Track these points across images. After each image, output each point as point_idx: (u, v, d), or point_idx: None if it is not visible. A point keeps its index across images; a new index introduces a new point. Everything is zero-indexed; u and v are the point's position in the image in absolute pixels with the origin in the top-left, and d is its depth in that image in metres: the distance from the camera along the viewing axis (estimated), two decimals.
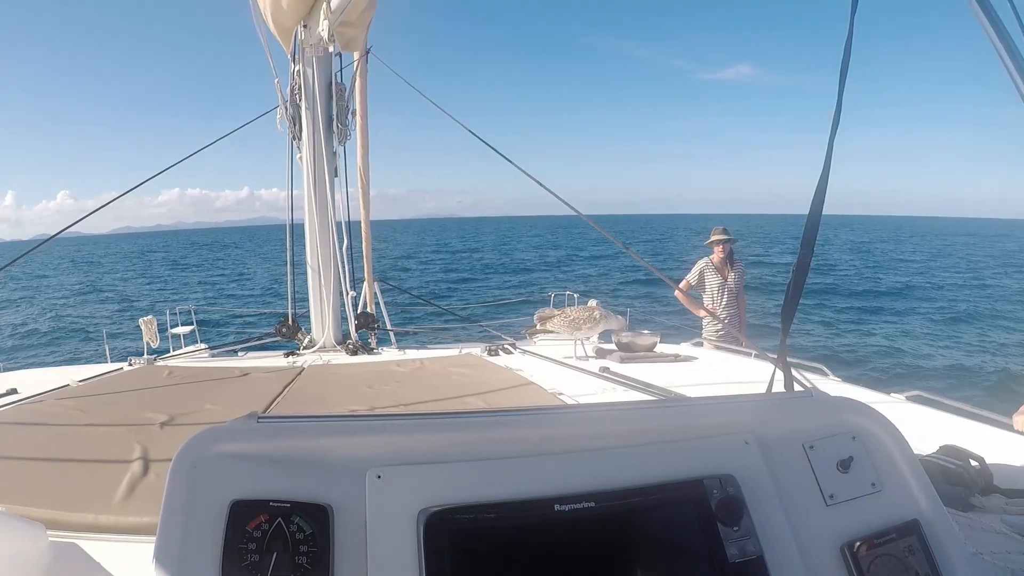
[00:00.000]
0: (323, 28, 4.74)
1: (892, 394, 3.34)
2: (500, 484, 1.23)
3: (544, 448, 1.32)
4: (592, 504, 1.23)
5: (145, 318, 6.15)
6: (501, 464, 1.27)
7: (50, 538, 1.68)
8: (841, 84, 1.90)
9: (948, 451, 2.24)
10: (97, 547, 1.78)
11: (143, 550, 1.81)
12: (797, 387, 1.90)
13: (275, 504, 1.13)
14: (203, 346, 6.16)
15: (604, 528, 1.24)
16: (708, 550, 1.24)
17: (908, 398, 3.36)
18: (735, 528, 1.27)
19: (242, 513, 1.11)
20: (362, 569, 1.12)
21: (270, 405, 3.30)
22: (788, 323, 1.92)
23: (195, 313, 7.15)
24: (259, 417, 1.25)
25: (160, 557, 1.08)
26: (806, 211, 1.90)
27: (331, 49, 5.12)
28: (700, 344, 5.86)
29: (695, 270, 7.84)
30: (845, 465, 1.44)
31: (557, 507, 1.21)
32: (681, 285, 7.71)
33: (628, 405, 1.62)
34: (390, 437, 1.27)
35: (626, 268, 35.30)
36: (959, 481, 2.08)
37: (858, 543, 1.34)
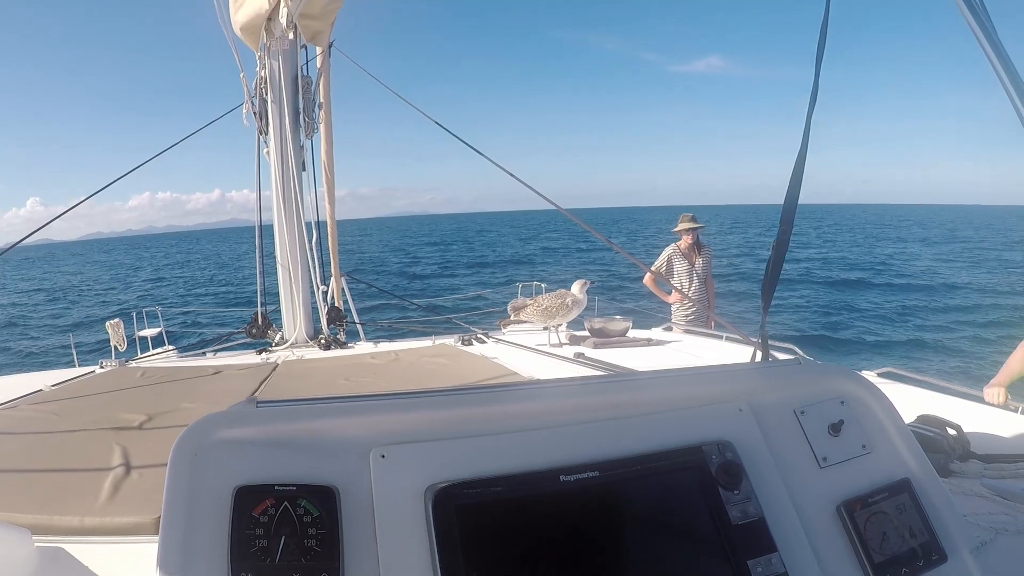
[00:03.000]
0: (283, 16, 4.70)
1: (864, 372, 3.40)
2: (504, 458, 1.25)
3: (546, 421, 1.34)
4: (596, 473, 1.25)
5: (111, 321, 6.05)
6: (504, 438, 1.29)
7: (36, 543, 1.66)
8: (818, 60, 1.93)
9: (925, 420, 2.30)
10: (83, 549, 1.77)
11: (130, 550, 1.80)
12: (782, 356, 1.94)
13: (280, 488, 1.12)
14: (172, 348, 6.07)
15: (609, 496, 1.26)
16: (711, 513, 1.28)
17: (880, 374, 3.42)
18: (735, 492, 1.30)
19: (247, 499, 1.11)
20: (372, 548, 1.12)
21: None
22: (769, 297, 1.96)
23: (162, 315, 7.06)
24: (258, 402, 1.25)
25: (165, 547, 1.06)
26: (780, 200, 1.94)
27: (291, 36, 5.08)
28: (670, 329, 5.90)
29: (663, 257, 7.89)
30: (836, 428, 1.49)
31: (562, 478, 1.23)
32: (650, 271, 7.76)
33: (624, 376, 1.65)
34: (391, 416, 1.28)
35: (595, 261, 35.43)
36: (938, 448, 2.14)
37: (853, 502, 1.39)
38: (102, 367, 4.70)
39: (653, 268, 7.87)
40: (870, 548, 1.33)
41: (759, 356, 2.06)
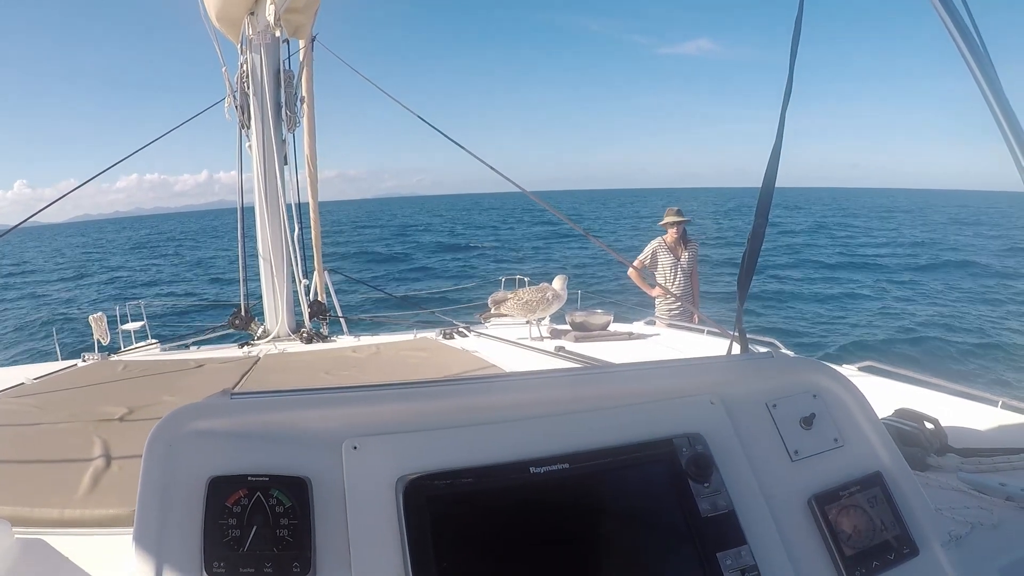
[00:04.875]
0: (269, 13, 4.68)
1: (844, 366, 3.41)
2: (475, 450, 1.26)
3: (517, 413, 1.35)
4: (567, 465, 1.26)
5: (95, 315, 6.02)
6: (475, 430, 1.30)
7: (16, 534, 1.66)
8: (793, 51, 1.94)
9: (903, 414, 2.31)
10: (63, 541, 1.77)
11: (110, 542, 1.81)
12: (756, 349, 1.96)
13: (253, 479, 1.14)
14: (155, 342, 6.06)
15: (579, 488, 1.27)
16: (681, 506, 1.29)
17: (860, 368, 3.44)
18: (705, 484, 1.32)
19: (220, 489, 1.12)
20: (343, 539, 1.13)
21: None
22: (744, 290, 1.98)
23: (145, 308, 7.02)
24: (232, 394, 1.26)
25: (140, 537, 1.07)
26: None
27: (278, 34, 5.06)
28: (653, 322, 5.92)
29: (648, 250, 7.89)
30: (808, 422, 1.50)
31: (532, 470, 1.24)
32: (634, 264, 7.75)
33: (597, 369, 1.66)
34: (363, 408, 1.29)
35: (574, 245, 35.07)
36: (915, 442, 2.15)
37: (824, 495, 1.40)
38: (84, 360, 4.69)
39: (637, 263, 7.85)
40: (841, 541, 1.34)
41: (735, 349, 2.08)
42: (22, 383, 3.76)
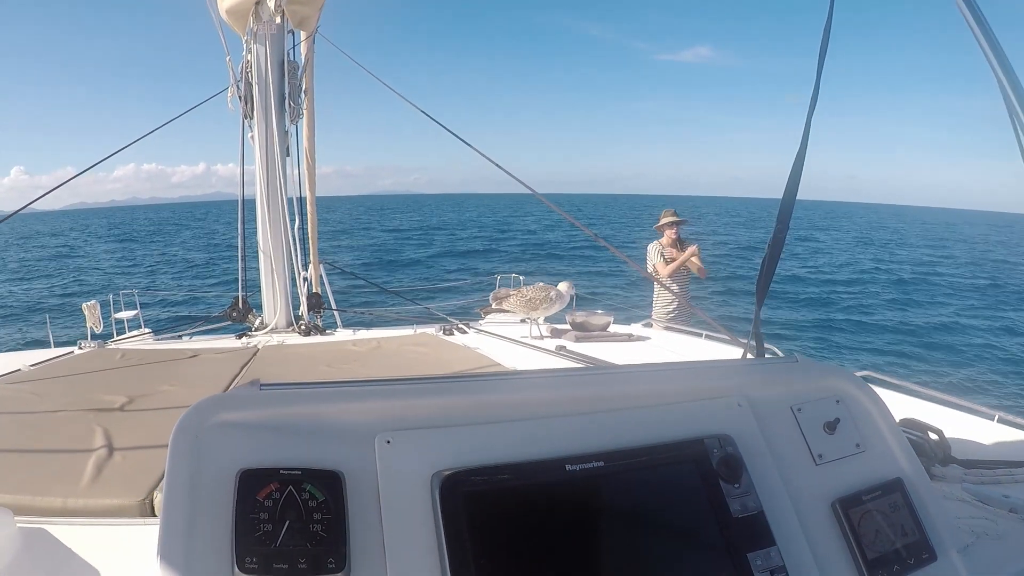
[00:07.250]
0: (271, 2, 4.68)
1: None
2: (510, 446, 1.26)
3: (550, 410, 1.35)
4: (601, 463, 1.26)
5: (88, 303, 5.99)
6: (509, 427, 1.29)
7: (18, 523, 1.64)
8: (822, 52, 1.94)
9: (908, 423, 2.32)
10: (66, 531, 1.76)
11: (114, 532, 1.79)
12: (769, 354, 1.96)
13: (285, 472, 1.12)
14: (148, 331, 6.03)
15: (614, 486, 1.28)
16: (712, 506, 1.29)
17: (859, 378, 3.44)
18: (736, 485, 1.32)
19: (251, 483, 1.10)
20: (378, 534, 1.12)
21: (229, 385, 3.25)
22: (763, 295, 1.98)
23: (139, 297, 6.98)
24: (262, 385, 1.24)
25: (167, 531, 1.05)
26: (765, 194, 1.96)
27: (278, 20, 5.04)
28: (650, 325, 5.93)
29: (655, 257, 7.87)
30: (831, 427, 1.51)
31: (568, 467, 1.24)
32: (659, 271, 7.73)
33: (627, 368, 1.66)
34: (396, 401, 1.28)
35: (575, 246, 34.84)
36: (920, 452, 2.15)
37: (847, 499, 1.41)
38: (80, 348, 4.66)
39: (661, 267, 7.82)
40: (864, 545, 1.35)
41: (751, 352, 2.08)
42: (18, 369, 3.74)
